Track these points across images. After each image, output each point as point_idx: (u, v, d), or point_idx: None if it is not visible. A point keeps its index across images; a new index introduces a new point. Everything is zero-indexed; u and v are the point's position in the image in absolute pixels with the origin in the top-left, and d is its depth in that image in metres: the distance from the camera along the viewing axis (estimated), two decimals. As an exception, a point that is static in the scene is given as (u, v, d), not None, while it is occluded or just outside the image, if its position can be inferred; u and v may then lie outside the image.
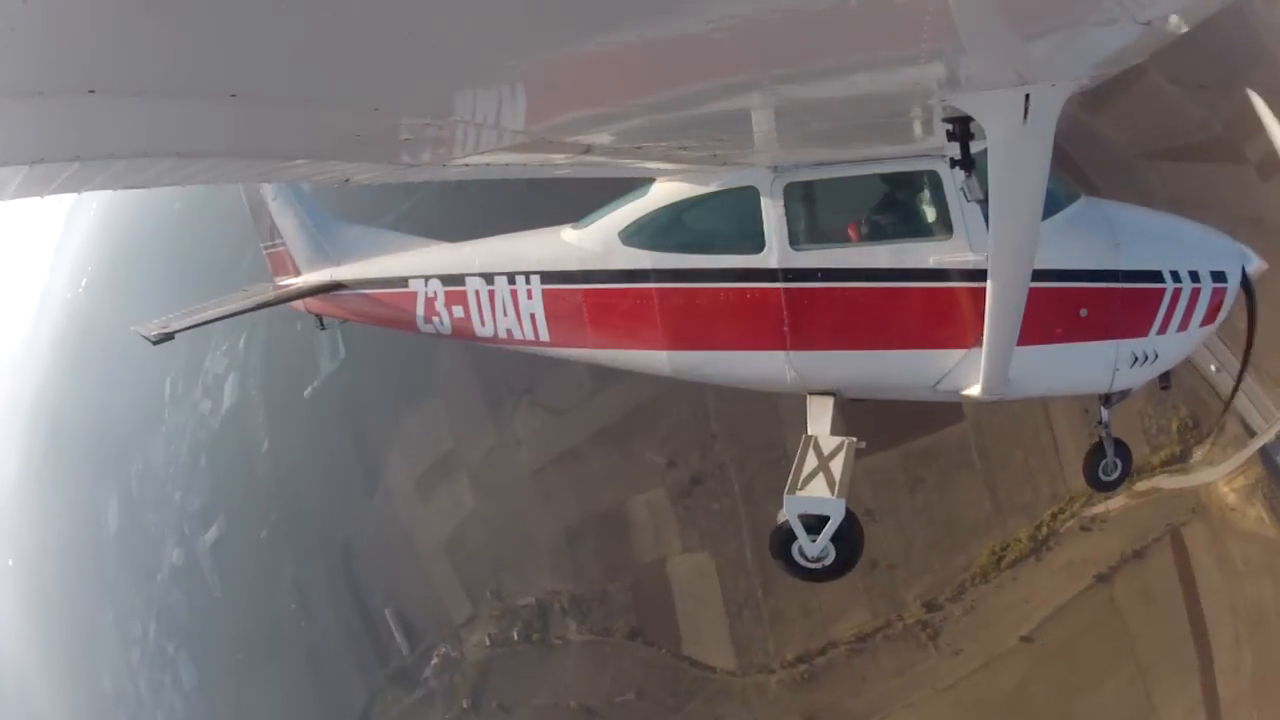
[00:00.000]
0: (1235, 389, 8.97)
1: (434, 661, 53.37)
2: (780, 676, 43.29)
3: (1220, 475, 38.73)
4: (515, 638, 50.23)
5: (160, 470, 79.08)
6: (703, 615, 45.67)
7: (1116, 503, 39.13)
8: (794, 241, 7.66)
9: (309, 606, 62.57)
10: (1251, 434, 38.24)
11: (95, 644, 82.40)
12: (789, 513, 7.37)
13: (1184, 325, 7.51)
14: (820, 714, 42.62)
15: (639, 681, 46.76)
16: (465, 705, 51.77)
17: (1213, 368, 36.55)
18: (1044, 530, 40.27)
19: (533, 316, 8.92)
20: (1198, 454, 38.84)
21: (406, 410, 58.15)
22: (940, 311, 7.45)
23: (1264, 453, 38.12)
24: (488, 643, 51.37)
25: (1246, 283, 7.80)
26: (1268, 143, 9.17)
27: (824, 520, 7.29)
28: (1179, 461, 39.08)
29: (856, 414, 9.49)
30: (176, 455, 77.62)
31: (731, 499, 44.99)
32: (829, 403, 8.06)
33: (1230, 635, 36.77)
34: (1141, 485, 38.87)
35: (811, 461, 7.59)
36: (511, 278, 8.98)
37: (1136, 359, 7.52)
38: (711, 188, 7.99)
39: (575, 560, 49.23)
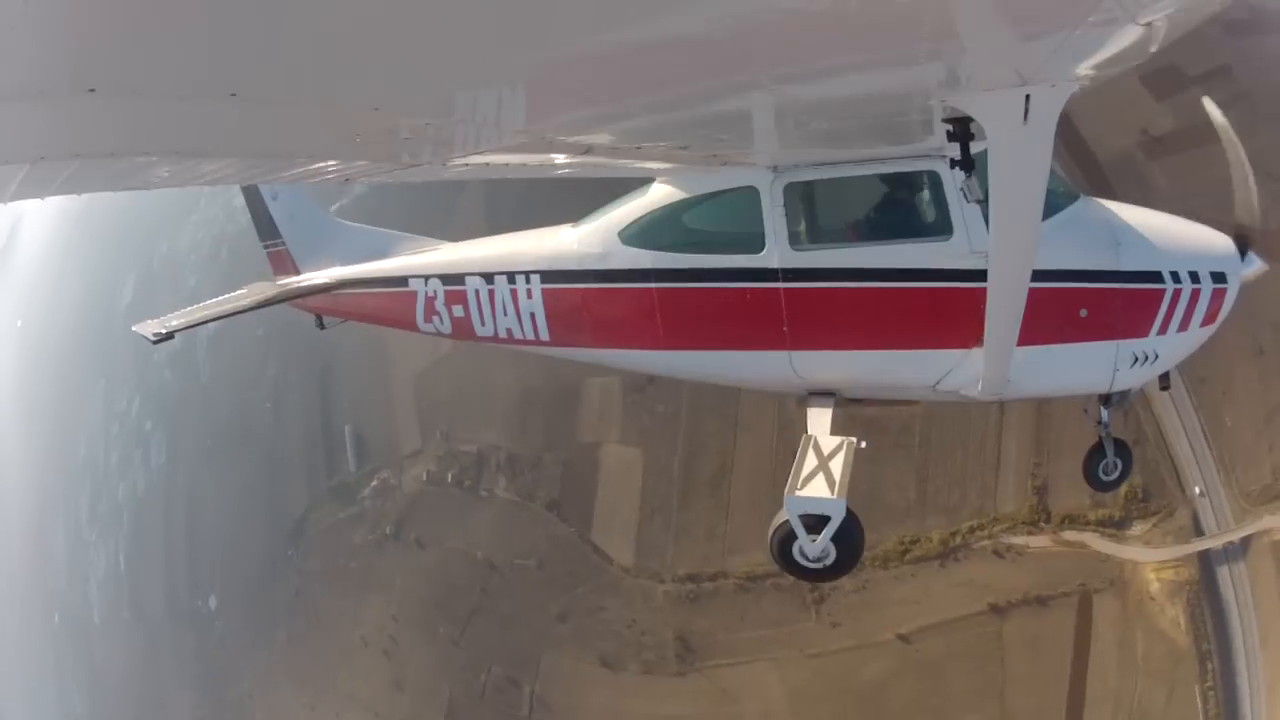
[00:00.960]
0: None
1: (373, 484, 55.85)
2: (668, 588, 44.19)
3: (1153, 560, 37.70)
4: (449, 480, 52.07)
5: (182, 255, 79.91)
6: (618, 507, 46.42)
7: (1039, 541, 38.72)
8: (794, 241, 7.66)
9: (280, 408, 64.58)
10: (1200, 533, 37.11)
11: (81, 411, 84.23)
12: (790, 513, 7.36)
13: (1184, 325, 7.51)
14: (692, 636, 43.46)
15: (543, 552, 47.98)
16: (388, 531, 53.91)
17: (1197, 490, 36.49)
18: (958, 539, 39.76)
19: (533, 316, 8.92)
20: (1138, 528, 37.92)
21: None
22: (940, 311, 7.45)
23: (1204, 558, 37.04)
24: (424, 479, 53.17)
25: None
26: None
27: (824, 520, 7.29)
28: (1115, 527, 38.20)
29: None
30: (200, 244, 78.18)
31: (678, 406, 45.30)
32: (829, 402, 8.07)
33: (1105, 722, 36.22)
34: (1070, 535, 38.41)
35: (811, 461, 7.59)
36: (511, 277, 8.98)
37: (1136, 359, 7.52)
38: (711, 188, 8.00)
39: (523, 422, 50.24)
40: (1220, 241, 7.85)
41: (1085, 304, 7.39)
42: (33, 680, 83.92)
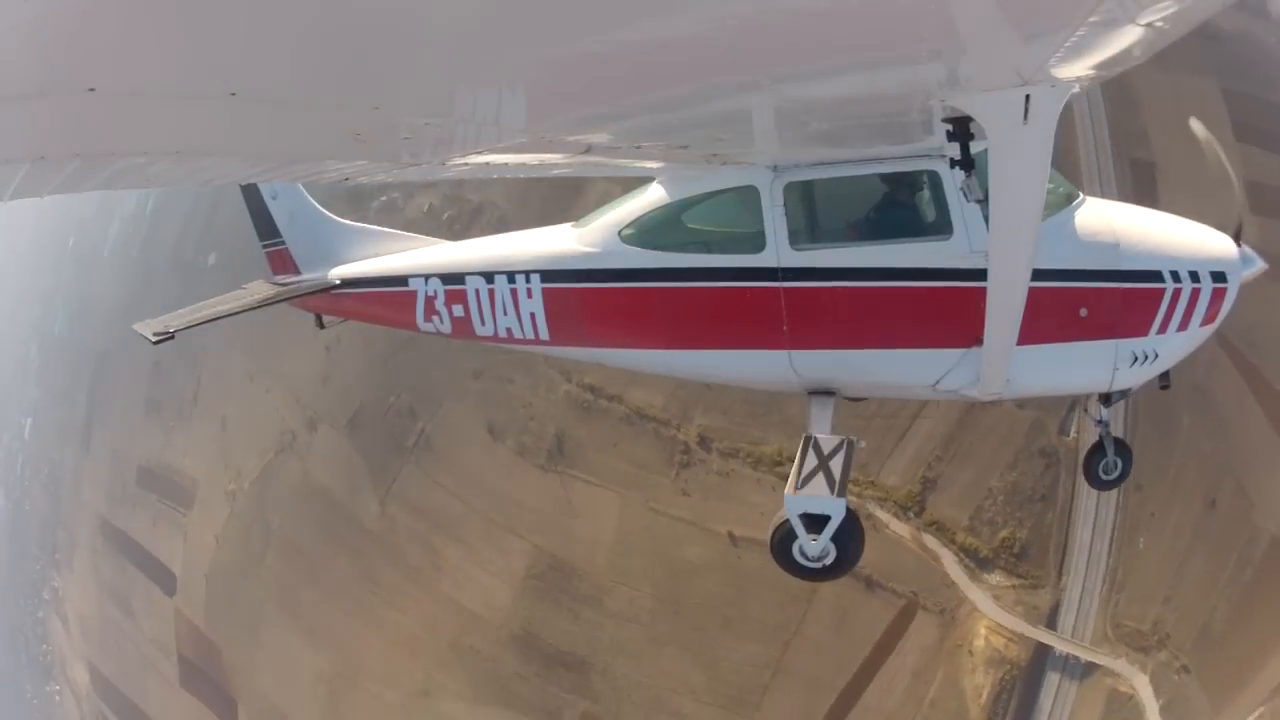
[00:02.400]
0: None
1: (381, 199, 55.91)
2: (570, 389, 45.55)
3: (992, 618, 36.60)
4: (444, 218, 52.76)
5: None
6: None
7: (899, 527, 38.14)
8: (794, 241, 7.66)
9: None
10: (1051, 626, 35.95)
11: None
12: (790, 512, 7.37)
13: (1184, 325, 7.51)
14: (567, 441, 45.35)
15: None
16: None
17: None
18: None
19: (533, 316, 8.92)
20: (996, 577, 36.95)
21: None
22: (940, 311, 7.46)
23: (1041, 652, 35.94)
24: (425, 210, 53.72)
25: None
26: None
27: (824, 520, 7.29)
28: (976, 562, 37.10)
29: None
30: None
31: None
32: (829, 402, 8.07)
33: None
34: (929, 541, 37.74)
35: (811, 461, 7.58)
36: (511, 277, 8.97)
37: (1136, 358, 7.52)
38: (712, 187, 8.00)
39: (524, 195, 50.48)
40: (1220, 241, 7.85)
41: (1085, 303, 7.39)
42: (18, 297, 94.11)
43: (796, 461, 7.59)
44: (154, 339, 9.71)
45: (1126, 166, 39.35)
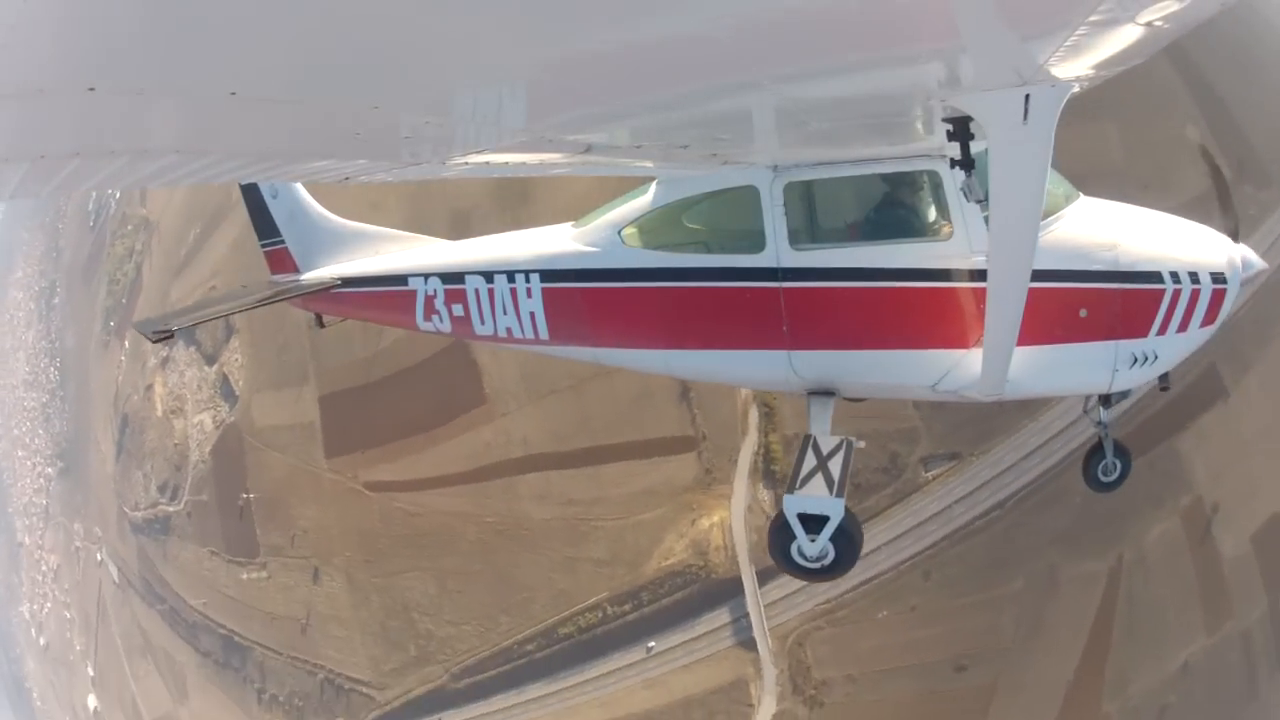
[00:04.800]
0: None
1: None
2: None
3: (729, 518, 38.64)
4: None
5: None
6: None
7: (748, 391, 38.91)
8: (794, 241, 7.66)
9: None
10: (760, 581, 37.94)
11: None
12: (788, 512, 7.37)
13: (1184, 326, 7.51)
14: None
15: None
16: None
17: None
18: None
19: (532, 315, 8.92)
20: (764, 495, 38.45)
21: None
22: (940, 311, 7.46)
23: (731, 583, 38.21)
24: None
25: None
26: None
27: (823, 520, 7.29)
28: (764, 469, 38.44)
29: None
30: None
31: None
32: (829, 402, 8.07)
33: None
34: (754, 419, 38.63)
35: (811, 461, 7.59)
36: (511, 276, 8.97)
37: (1136, 359, 7.52)
38: (711, 187, 8.00)
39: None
40: (1220, 241, 7.85)
41: (1085, 304, 7.38)
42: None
43: (796, 461, 7.60)
44: (154, 338, 9.72)
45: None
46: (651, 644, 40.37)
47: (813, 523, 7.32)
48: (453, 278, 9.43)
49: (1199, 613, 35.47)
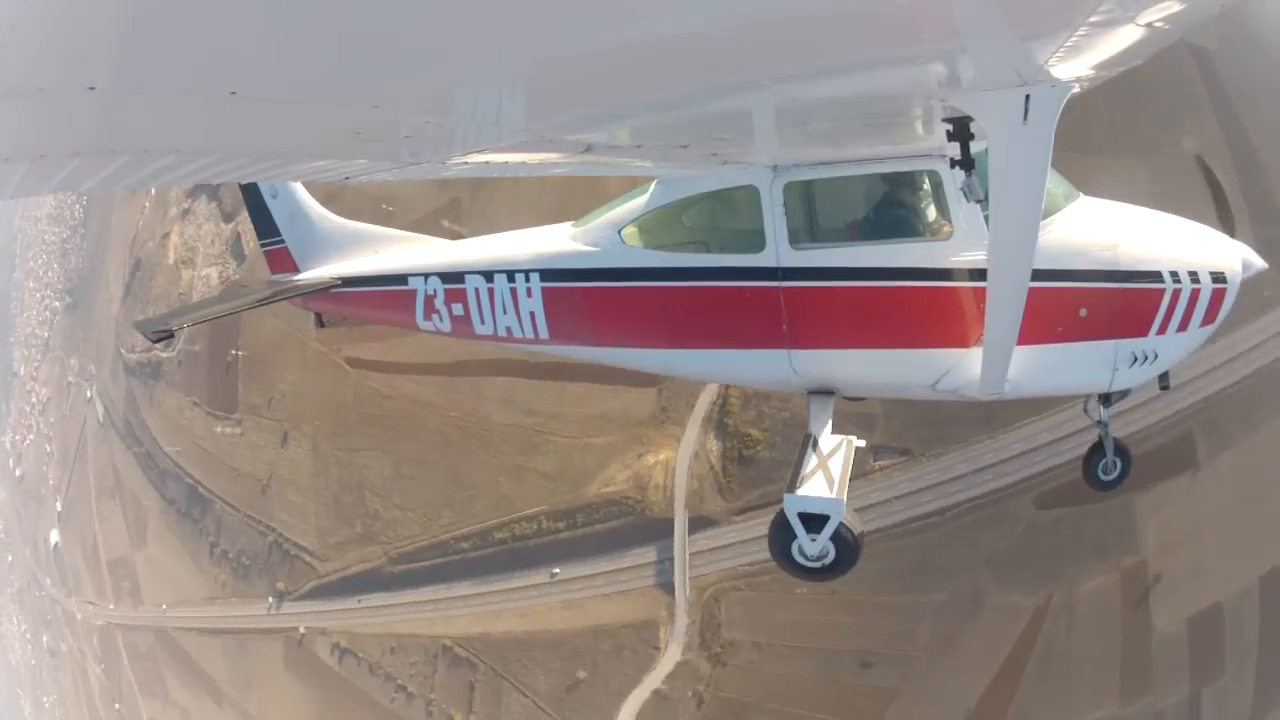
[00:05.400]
0: None
1: None
2: None
3: (674, 459, 39.50)
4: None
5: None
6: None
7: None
8: (794, 240, 7.66)
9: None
10: (693, 529, 38.81)
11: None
12: (789, 511, 7.36)
13: (1184, 325, 7.51)
14: None
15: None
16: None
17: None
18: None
19: (532, 315, 8.91)
20: (712, 446, 39.26)
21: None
22: (940, 311, 7.45)
23: (662, 523, 39.00)
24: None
25: None
26: None
27: (824, 519, 7.29)
28: (718, 419, 39.09)
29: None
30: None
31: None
32: (829, 401, 8.07)
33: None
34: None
35: (811, 460, 7.58)
36: (511, 275, 8.97)
37: (1136, 359, 7.52)
38: (711, 187, 7.99)
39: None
40: (1220, 241, 7.85)
41: (1085, 304, 7.38)
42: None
43: (796, 460, 7.59)
44: (153, 337, 9.73)
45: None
46: (556, 570, 41.85)
47: (813, 522, 7.31)
48: (452, 277, 9.43)
49: (1116, 678, 34.54)
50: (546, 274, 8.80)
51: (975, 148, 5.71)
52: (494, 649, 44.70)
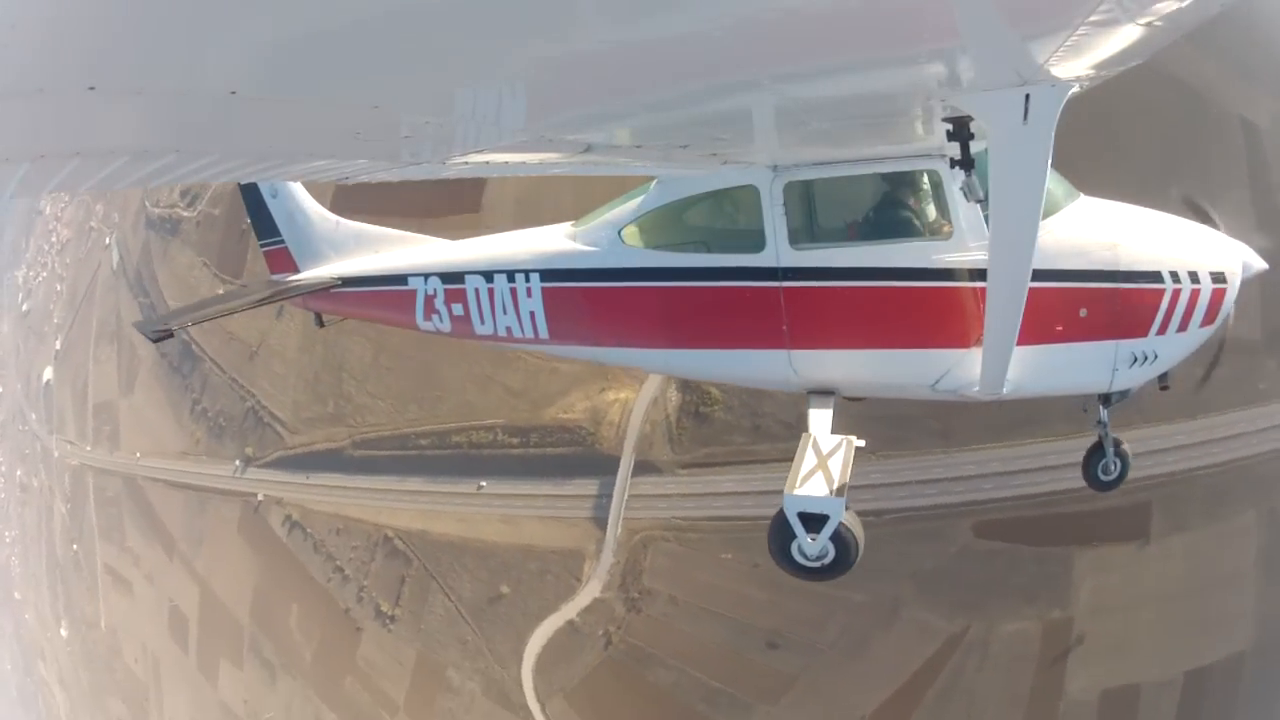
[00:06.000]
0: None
1: None
2: None
3: (633, 400, 40.32)
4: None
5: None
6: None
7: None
8: (794, 240, 7.66)
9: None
10: (637, 471, 39.69)
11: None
12: (789, 511, 7.36)
13: (1184, 325, 7.51)
14: None
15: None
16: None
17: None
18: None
19: (532, 315, 8.91)
20: (671, 398, 39.97)
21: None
22: (940, 311, 7.45)
23: (608, 460, 40.37)
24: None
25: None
26: None
27: (823, 519, 7.29)
28: None
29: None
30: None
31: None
32: (829, 401, 8.06)
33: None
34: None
35: (810, 460, 7.58)
36: (511, 275, 8.97)
37: (1136, 359, 7.51)
38: (711, 187, 7.99)
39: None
40: (1220, 241, 7.85)
41: (1084, 304, 7.38)
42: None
43: (796, 460, 7.58)
44: (153, 337, 9.74)
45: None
46: (483, 484, 43.36)
47: (813, 522, 7.31)
48: (452, 277, 9.42)
49: (1017, 726, 33.87)
50: (546, 274, 8.79)
51: (975, 148, 5.71)
52: (430, 548, 46.75)
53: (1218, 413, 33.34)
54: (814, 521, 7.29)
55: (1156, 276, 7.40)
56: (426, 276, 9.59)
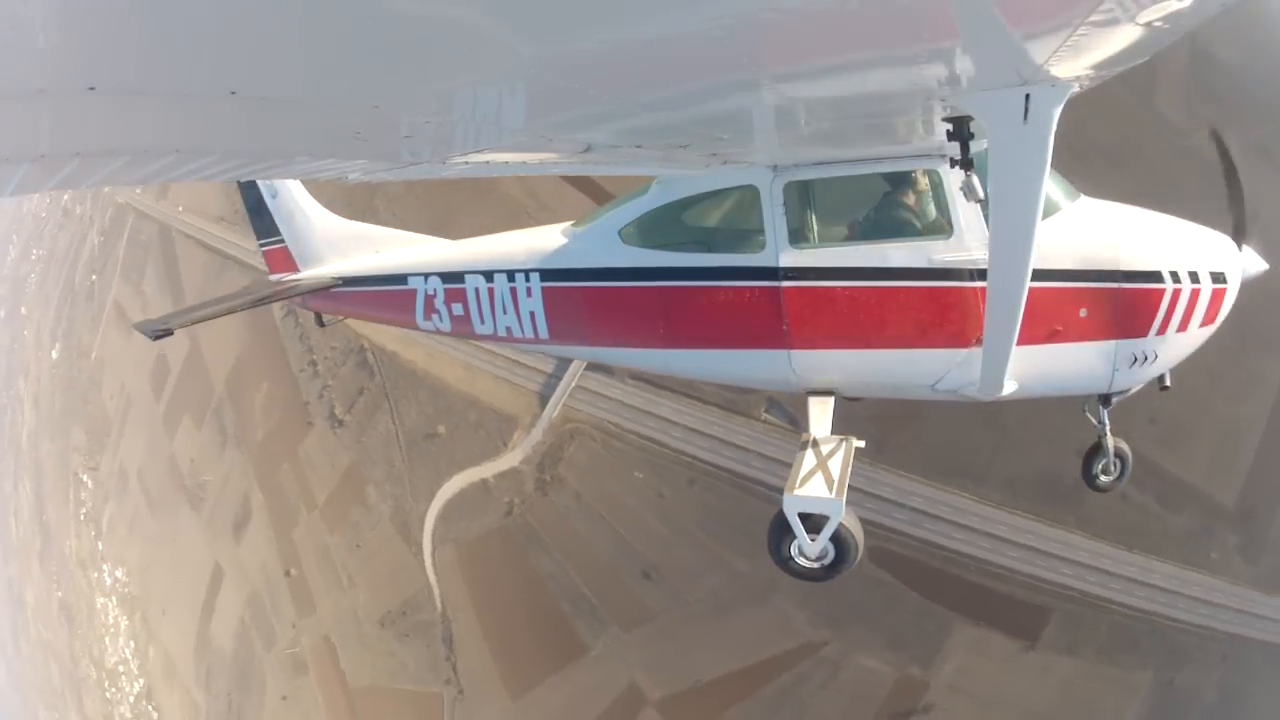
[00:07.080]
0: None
1: None
2: None
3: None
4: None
5: None
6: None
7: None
8: (794, 240, 7.66)
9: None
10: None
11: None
12: (789, 511, 7.36)
13: (1183, 326, 7.51)
14: None
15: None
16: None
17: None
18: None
19: (532, 314, 8.92)
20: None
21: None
22: (940, 311, 7.45)
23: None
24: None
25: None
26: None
27: (823, 519, 7.29)
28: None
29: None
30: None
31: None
32: (829, 402, 8.06)
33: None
34: None
35: (810, 460, 7.58)
36: (511, 275, 8.97)
37: (1136, 359, 7.52)
38: (711, 186, 8.00)
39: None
40: (1220, 241, 7.85)
41: (1085, 303, 7.38)
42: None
43: (795, 461, 7.59)
44: (153, 337, 9.74)
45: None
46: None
47: (813, 522, 7.31)
48: (452, 277, 9.43)
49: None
50: (546, 274, 8.80)
51: (975, 147, 5.71)
52: (395, 370, 49.08)
53: (1159, 558, 32.20)
54: (814, 522, 7.30)
55: (1157, 276, 7.40)
56: (426, 276, 9.59)
